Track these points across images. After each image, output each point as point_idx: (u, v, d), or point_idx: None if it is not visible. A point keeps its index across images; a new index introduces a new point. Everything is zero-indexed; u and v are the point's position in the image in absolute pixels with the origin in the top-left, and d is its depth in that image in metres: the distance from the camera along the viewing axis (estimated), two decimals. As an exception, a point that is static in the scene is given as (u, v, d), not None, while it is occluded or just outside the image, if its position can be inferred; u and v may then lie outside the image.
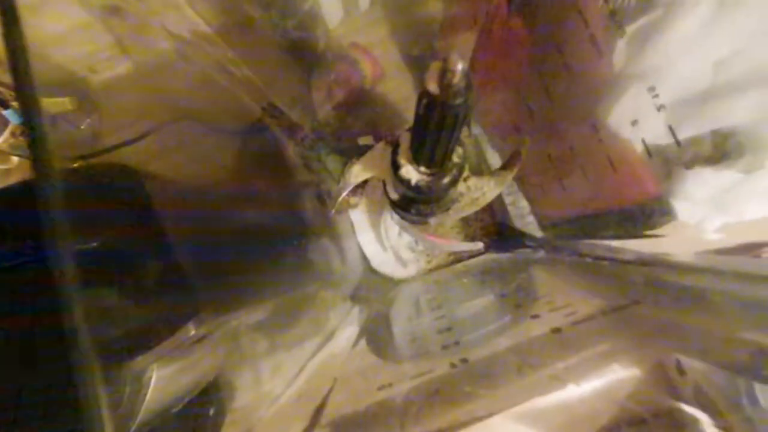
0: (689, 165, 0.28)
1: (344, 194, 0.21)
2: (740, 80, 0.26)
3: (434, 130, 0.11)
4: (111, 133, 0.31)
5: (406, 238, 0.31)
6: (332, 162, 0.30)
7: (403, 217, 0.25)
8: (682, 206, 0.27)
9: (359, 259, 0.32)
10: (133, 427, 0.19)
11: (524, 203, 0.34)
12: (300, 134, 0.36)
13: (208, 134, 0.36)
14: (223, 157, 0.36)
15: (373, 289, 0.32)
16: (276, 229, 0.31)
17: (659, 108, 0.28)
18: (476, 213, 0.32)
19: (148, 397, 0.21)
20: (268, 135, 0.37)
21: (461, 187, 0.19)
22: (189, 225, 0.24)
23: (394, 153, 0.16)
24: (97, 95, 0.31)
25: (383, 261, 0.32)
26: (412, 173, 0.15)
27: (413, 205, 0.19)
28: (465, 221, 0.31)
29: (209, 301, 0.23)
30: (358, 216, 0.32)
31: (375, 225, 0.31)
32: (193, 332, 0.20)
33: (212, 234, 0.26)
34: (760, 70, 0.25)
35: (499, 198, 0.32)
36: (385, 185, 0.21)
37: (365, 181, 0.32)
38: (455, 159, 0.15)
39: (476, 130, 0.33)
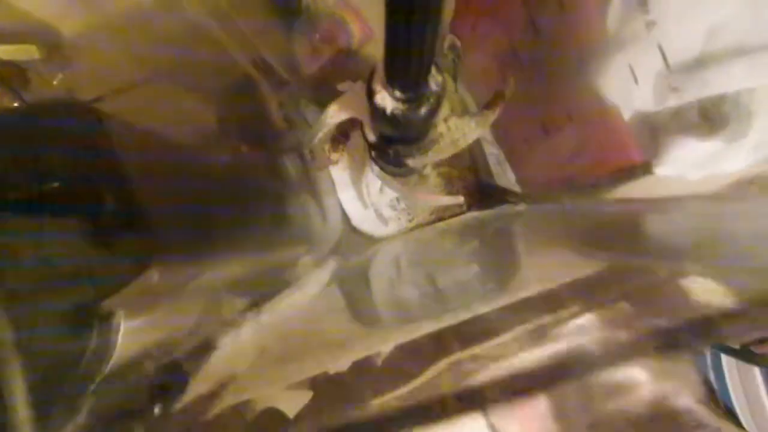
0: (675, 134, 0.28)
1: (320, 135, 0.21)
2: (730, 48, 0.25)
3: (404, 26, 0.10)
4: (87, 89, 0.29)
5: (388, 195, 0.31)
6: (312, 113, 0.29)
7: (383, 168, 0.25)
8: (665, 169, 0.27)
9: (340, 217, 0.31)
10: (105, 372, 0.19)
11: (507, 164, 0.33)
12: (286, 89, 0.35)
13: (190, 91, 0.34)
14: (204, 114, 0.34)
15: (354, 247, 0.31)
16: (252, 184, 0.30)
17: (649, 74, 0.28)
18: (459, 171, 0.31)
19: (118, 343, 0.20)
20: (252, 93, 0.36)
21: (441, 127, 0.18)
22: (157, 171, 0.23)
23: (370, 80, 0.15)
24: (70, 48, 0.29)
25: (364, 219, 0.31)
26: (387, 100, 0.14)
27: (391, 146, 0.18)
28: (448, 179, 0.31)
29: (177, 248, 0.22)
30: (339, 173, 0.31)
31: (356, 182, 0.31)
32: (157, 277, 0.20)
33: (182, 183, 0.25)
34: (749, 39, 0.25)
35: (483, 156, 0.32)
36: (364, 131, 0.20)
37: (346, 136, 0.31)
38: (432, 86, 0.14)
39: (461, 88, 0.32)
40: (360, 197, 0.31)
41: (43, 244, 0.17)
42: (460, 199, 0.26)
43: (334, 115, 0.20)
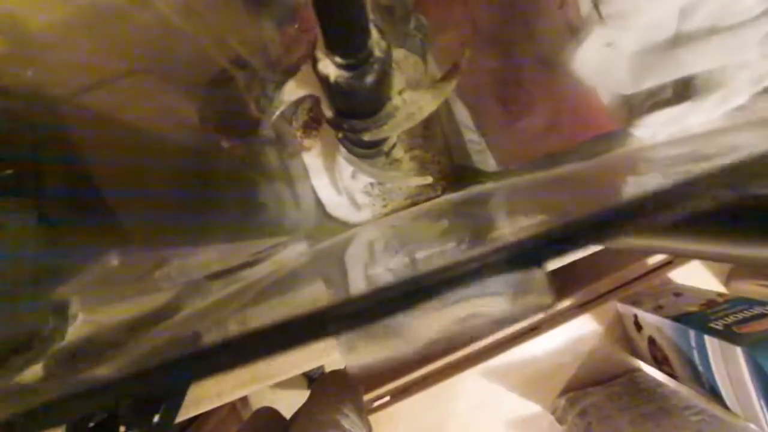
0: (651, 109, 0.28)
1: (277, 113, 0.20)
2: (702, 28, 0.25)
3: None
4: (58, 86, 0.29)
5: (362, 181, 0.30)
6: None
7: (350, 150, 0.24)
8: (639, 131, 0.27)
9: (314, 204, 0.31)
10: (60, 359, 0.19)
11: (488, 151, 0.33)
12: (260, 79, 0.34)
13: (167, 84, 0.33)
14: (182, 107, 0.34)
15: (329, 233, 0.31)
16: (223, 171, 0.29)
17: (625, 56, 0.28)
18: (433, 154, 0.31)
19: (74, 329, 0.20)
20: (229, 85, 0.35)
21: (396, 100, 0.18)
22: (118, 156, 0.23)
23: (314, 48, 0.15)
24: (39, 43, 0.29)
25: (338, 205, 0.31)
26: (330, 67, 0.14)
27: (347, 121, 0.18)
28: (422, 164, 0.31)
29: (140, 235, 0.22)
30: (312, 159, 0.31)
31: (329, 168, 0.30)
32: (116, 262, 0.19)
33: (150, 170, 0.25)
34: (720, 17, 0.25)
35: (461, 141, 0.32)
36: (321, 108, 0.20)
37: (319, 123, 0.31)
38: (376, 52, 0.14)
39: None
40: (333, 183, 0.30)
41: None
42: (429, 179, 0.26)
43: (292, 92, 0.20)
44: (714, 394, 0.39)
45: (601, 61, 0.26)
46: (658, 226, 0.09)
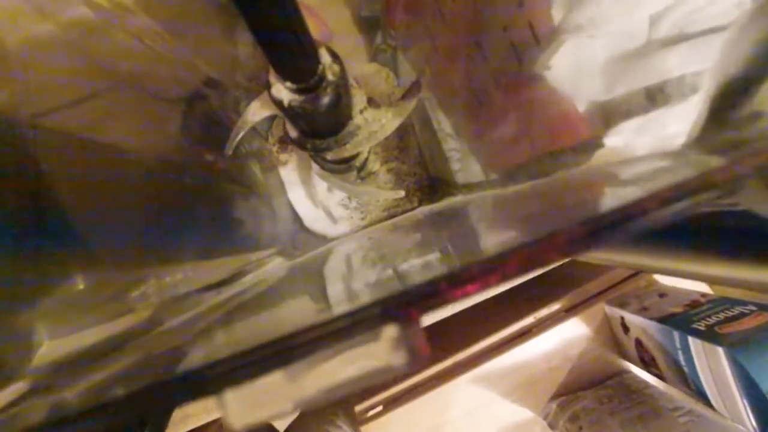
0: (625, 116, 0.29)
1: (241, 135, 0.20)
2: (672, 34, 0.26)
3: (254, 14, 0.10)
4: (38, 101, 0.28)
5: (338, 195, 0.30)
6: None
7: (322, 166, 0.25)
8: (612, 140, 0.27)
9: (291, 218, 0.31)
10: (22, 389, 0.18)
11: (472, 157, 0.33)
12: (234, 97, 0.34)
13: (148, 101, 0.33)
14: (162, 125, 0.34)
15: (307, 247, 0.31)
16: (197, 187, 0.29)
17: (597, 63, 0.28)
18: (409, 166, 0.31)
19: (38, 358, 0.20)
20: (205, 102, 0.35)
21: (358, 119, 0.18)
22: (87, 176, 0.23)
23: (267, 73, 0.15)
24: (17, 57, 0.28)
25: (315, 219, 0.31)
26: (282, 92, 0.14)
27: (309, 140, 0.18)
28: (398, 176, 0.31)
29: (107, 255, 0.21)
30: (289, 173, 0.31)
31: (306, 182, 0.30)
32: (82, 286, 0.19)
33: (117, 187, 0.25)
34: (687, 24, 0.25)
35: (440, 152, 0.32)
36: (285, 128, 0.20)
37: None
38: (329, 76, 0.14)
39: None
40: (310, 197, 0.30)
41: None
42: (401, 193, 0.26)
43: (256, 112, 0.20)
44: (700, 395, 0.39)
45: (573, 70, 0.27)
46: (625, 240, 0.09)
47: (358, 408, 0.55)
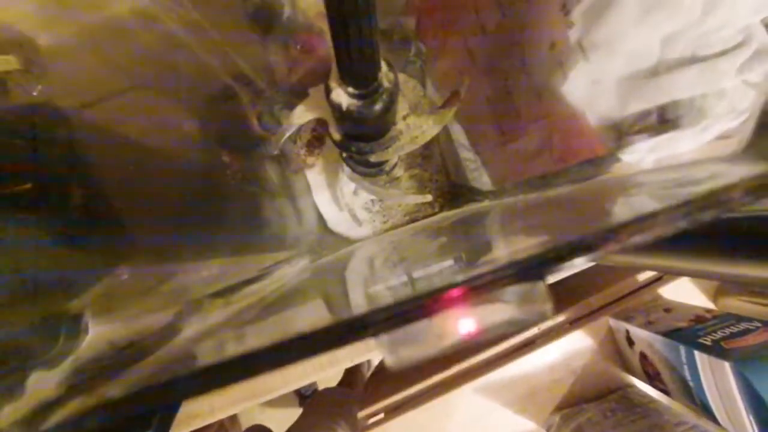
0: (638, 133, 0.30)
1: (287, 136, 0.21)
2: (684, 56, 0.27)
3: (342, 27, 0.11)
4: (66, 99, 0.29)
5: (362, 198, 0.31)
6: (286, 117, 0.30)
7: (353, 169, 0.26)
8: (627, 156, 0.28)
9: (315, 220, 0.32)
10: (69, 371, 0.19)
11: (483, 169, 0.34)
12: (264, 98, 0.35)
13: (171, 100, 0.34)
14: (185, 123, 0.35)
15: (330, 248, 0.32)
16: (228, 188, 0.30)
17: (611, 81, 0.29)
18: (431, 173, 0.32)
19: (84, 343, 0.20)
20: (232, 102, 0.36)
21: (401, 125, 0.19)
22: (132, 174, 0.24)
23: (327, 78, 0.16)
24: (47, 58, 0.29)
25: (339, 221, 0.32)
26: (342, 96, 0.15)
27: (354, 143, 0.19)
28: (420, 181, 0.32)
29: (149, 249, 0.22)
30: (315, 176, 0.32)
31: (331, 185, 0.31)
32: (126, 276, 0.20)
33: (158, 186, 0.26)
34: (700, 48, 0.27)
35: (457, 160, 0.33)
36: (329, 131, 0.21)
37: (321, 141, 0.32)
38: (385, 83, 0.15)
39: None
40: (335, 200, 0.31)
41: (10, 248, 0.17)
42: (428, 197, 0.27)
43: (301, 115, 0.21)
44: (705, 410, 0.40)
45: (590, 89, 0.28)
46: (646, 245, 0.10)
47: (360, 415, 0.55)
